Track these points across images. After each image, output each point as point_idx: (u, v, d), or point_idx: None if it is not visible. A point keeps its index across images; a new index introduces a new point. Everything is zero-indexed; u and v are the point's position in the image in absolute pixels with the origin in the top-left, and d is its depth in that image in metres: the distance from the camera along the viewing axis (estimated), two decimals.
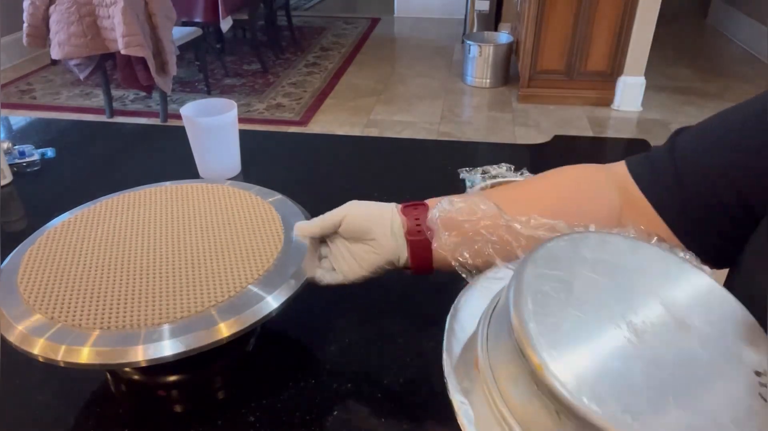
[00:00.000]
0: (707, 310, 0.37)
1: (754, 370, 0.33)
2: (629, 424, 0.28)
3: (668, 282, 0.38)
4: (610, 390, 0.30)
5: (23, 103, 3.32)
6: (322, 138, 1.72)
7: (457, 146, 1.28)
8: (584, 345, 0.32)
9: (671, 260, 0.40)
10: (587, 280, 0.36)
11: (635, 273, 0.38)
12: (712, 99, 3.29)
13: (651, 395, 0.30)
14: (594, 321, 0.34)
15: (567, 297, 0.35)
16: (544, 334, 0.32)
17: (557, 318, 0.33)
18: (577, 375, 0.30)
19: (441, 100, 3.33)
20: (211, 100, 0.89)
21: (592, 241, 0.40)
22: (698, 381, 0.32)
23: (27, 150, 0.95)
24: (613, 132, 3.00)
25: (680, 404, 0.30)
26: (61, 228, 0.61)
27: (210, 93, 3.39)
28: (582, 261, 0.38)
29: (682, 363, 0.33)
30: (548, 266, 0.37)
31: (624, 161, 0.54)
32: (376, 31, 4.65)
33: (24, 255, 0.56)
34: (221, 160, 0.89)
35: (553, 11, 3.02)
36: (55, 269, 0.54)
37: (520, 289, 0.34)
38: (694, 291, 0.38)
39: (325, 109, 3.24)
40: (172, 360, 0.45)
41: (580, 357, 0.31)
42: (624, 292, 0.36)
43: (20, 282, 0.53)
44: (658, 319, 0.35)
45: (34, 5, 2.49)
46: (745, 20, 4.13)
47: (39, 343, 0.46)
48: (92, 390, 0.55)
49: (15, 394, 0.54)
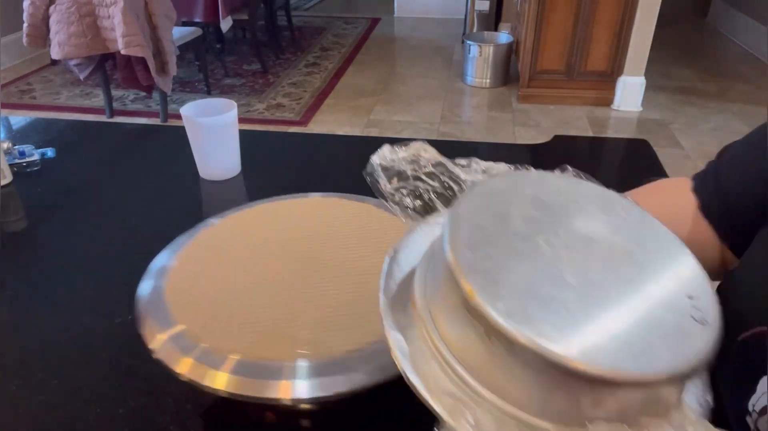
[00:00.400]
0: (641, 238, 0.38)
1: (686, 294, 0.34)
2: (556, 341, 0.29)
3: (604, 213, 0.39)
4: (539, 310, 0.30)
5: (23, 103, 3.32)
6: (322, 138, 1.72)
7: (457, 146, 1.28)
8: (515, 270, 0.33)
9: (607, 194, 0.41)
10: (523, 213, 0.37)
11: (571, 205, 0.39)
12: (712, 99, 3.29)
13: (580, 315, 0.31)
14: (527, 249, 0.34)
15: (502, 228, 0.35)
16: (476, 262, 0.32)
17: (490, 247, 0.34)
18: (506, 298, 0.31)
19: (441, 100, 3.33)
20: (211, 100, 0.89)
21: (531, 178, 0.41)
22: (629, 303, 0.33)
23: (27, 150, 0.95)
24: (613, 132, 3.00)
25: (609, 323, 0.31)
26: (212, 233, 0.59)
27: (210, 93, 3.39)
28: (520, 196, 0.38)
29: (615, 285, 0.33)
30: (485, 200, 0.37)
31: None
32: (376, 31, 4.65)
33: (175, 259, 0.55)
34: (221, 160, 0.89)
35: (553, 11, 3.02)
36: (203, 282, 0.52)
37: (456, 221, 0.35)
38: (629, 221, 0.39)
39: (325, 109, 3.24)
40: (332, 399, 0.42)
41: (511, 282, 0.32)
42: (558, 222, 0.37)
43: (167, 289, 0.51)
44: (591, 245, 0.36)
45: (34, 5, 2.49)
46: (745, 20, 4.13)
47: (185, 362, 0.44)
48: (93, 390, 0.55)
49: (15, 394, 0.54)
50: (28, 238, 0.80)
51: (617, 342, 0.30)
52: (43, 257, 0.75)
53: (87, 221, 0.82)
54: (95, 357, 0.58)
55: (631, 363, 0.29)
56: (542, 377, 0.30)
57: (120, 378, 0.55)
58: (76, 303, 0.66)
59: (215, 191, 0.89)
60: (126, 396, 0.54)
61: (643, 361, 0.30)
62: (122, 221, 0.81)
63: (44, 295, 0.67)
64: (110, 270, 0.71)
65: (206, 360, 0.44)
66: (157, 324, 0.48)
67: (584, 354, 0.29)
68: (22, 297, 0.66)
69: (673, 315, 0.32)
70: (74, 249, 0.75)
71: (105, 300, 0.66)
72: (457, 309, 0.32)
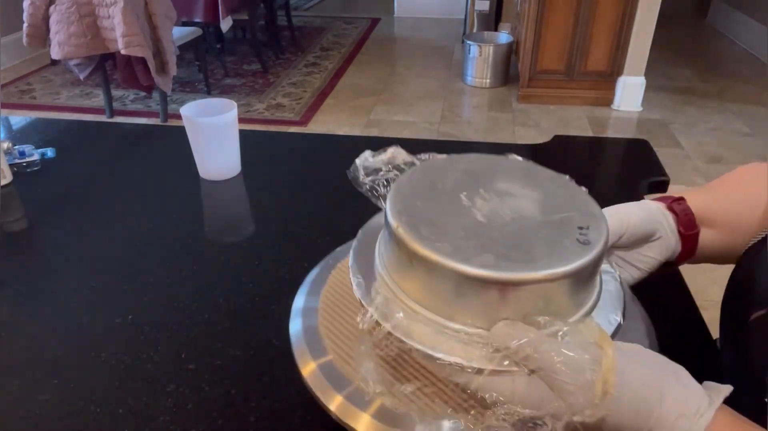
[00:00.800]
0: (554, 194, 0.45)
1: (578, 226, 0.41)
2: (454, 256, 0.37)
3: (525, 178, 0.47)
4: (447, 237, 0.39)
5: (23, 103, 3.32)
6: (322, 138, 1.72)
7: (457, 146, 1.28)
8: (435, 214, 0.42)
9: (531, 166, 0.49)
10: (452, 179, 0.46)
11: (497, 173, 0.47)
12: (712, 99, 3.29)
13: (482, 239, 0.39)
14: (449, 202, 0.43)
15: (431, 189, 0.45)
16: (404, 209, 0.42)
17: (419, 200, 0.43)
18: (423, 231, 0.40)
19: (441, 100, 3.33)
20: (211, 100, 0.89)
21: (467, 158, 0.49)
22: (527, 233, 0.41)
23: (27, 150, 0.95)
24: (613, 132, 3.00)
25: (505, 246, 0.39)
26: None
27: (210, 93, 3.39)
28: (453, 169, 0.48)
29: (518, 222, 0.42)
30: (424, 173, 0.47)
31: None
32: (376, 31, 4.65)
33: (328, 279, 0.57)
34: (221, 159, 0.89)
35: (553, 11, 3.02)
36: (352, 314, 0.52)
37: (397, 186, 0.45)
38: (547, 182, 0.47)
39: (325, 109, 3.24)
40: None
41: (430, 221, 0.41)
42: (480, 184, 0.45)
43: (321, 312, 0.52)
44: (505, 197, 0.44)
45: (34, 5, 2.49)
46: (745, 20, 4.13)
47: (336, 399, 0.45)
48: (92, 389, 0.55)
49: (15, 394, 0.54)
50: (28, 238, 0.80)
51: (507, 256, 0.38)
52: (43, 257, 0.75)
53: (87, 221, 0.82)
54: (95, 357, 0.58)
55: (516, 269, 0.37)
56: (448, 286, 0.38)
57: (120, 378, 0.55)
58: (76, 303, 0.66)
59: (215, 191, 0.89)
60: (126, 396, 0.54)
61: (526, 267, 0.37)
62: (122, 221, 0.81)
63: (44, 295, 0.67)
64: (110, 270, 0.71)
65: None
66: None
67: (480, 265, 0.37)
68: (22, 297, 0.66)
69: (561, 238, 0.40)
70: (74, 249, 0.75)
71: (105, 300, 0.66)
72: (393, 245, 0.42)
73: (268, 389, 0.54)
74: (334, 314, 0.53)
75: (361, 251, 0.48)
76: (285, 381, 0.55)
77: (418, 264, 0.39)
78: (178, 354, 0.58)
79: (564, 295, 0.39)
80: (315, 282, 0.58)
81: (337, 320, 0.53)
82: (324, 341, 0.50)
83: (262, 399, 0.53)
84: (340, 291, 0.56)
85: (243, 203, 0.90)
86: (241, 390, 0.54)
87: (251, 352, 0.58)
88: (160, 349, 0.58)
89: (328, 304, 0.55)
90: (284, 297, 0.65)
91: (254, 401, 0.53)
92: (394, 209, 0.42)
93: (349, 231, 0.75)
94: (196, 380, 0.55)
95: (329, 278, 0.58)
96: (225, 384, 0.55)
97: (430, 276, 0.39)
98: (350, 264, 0.47)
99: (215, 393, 0.54)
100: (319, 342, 0.50)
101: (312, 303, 0.55)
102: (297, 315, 0.54)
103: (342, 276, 0.58)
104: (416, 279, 0.40)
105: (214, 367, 0.56)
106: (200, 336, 0.60)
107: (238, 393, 0.54)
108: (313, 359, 0.49)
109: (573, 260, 0.38)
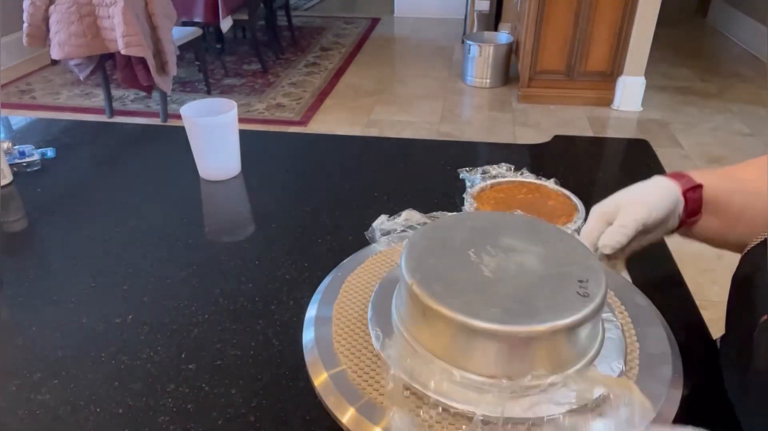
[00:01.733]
0: (556, 247, 0.48)
1: (578, 279, 0.44)
2: (465, 311, 0.41)
3: (529, 234, 0.50)
4: (457, 292, 0.43)
5: (23, 103, 3.32)
6: (322, 138, 1.72)
7: (457, 146, 1.28)
8: (446, 270, 0.46)
9: (534, 221, 0.53)
10: (460, 237, 0.50)
11: (502, 230, 0.51)
12: (712, 99, 3.29)
13: (489, 294, 0.43)
14: (458, 258, 0.47)
15: (441, 247, 0.49)
16: (418, 266, 0.46)
17: (431, 258, 0.47)
18: (435, 287, 0.44)
19: (441, 100, 3.33)
20: (211, 100, 0.89)
21: (474, 216, 0.55)
22: (531, 287, 0.44)
23: (27, 150, 0.95)
24: (613, 132, 3.00)
25: (510, 300, 0.42)
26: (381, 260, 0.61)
27: (210, 93, 3.39)
28: (461, 227, 0.52)
29: (522, 276, 0.45)
30: (434, 231, 0.51)
31: None
32: (376, 31, 4.65)
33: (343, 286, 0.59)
34: (221, 159, 0.89)
35: (553, 11, 3.02)
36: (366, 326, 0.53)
37: (409, 244, 0.49)
38: (549, 237, 0.50)
39: (325, 109, 3.24)
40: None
41: (441, 277, 0.45)
42: (487, 241, 0.49)
43: (335, 321, 0.54)
44: (510, 253, 0.47)
45: (34, 5, 2.49)
46: (745, 20, 4.13)
47: (350, 412, 0.46)
48: (92, 389, 0.55)
49: (15, 394, 0.54)
50: (28, 238, 0.80)
51: (512, 310, 0.41)
52: (43, 257, 0.75)
53: (87, 221, 0.82)
54: (95, 357, 0.58)
55: (521, 322, 0.40)
56: (459, 337, 0.42)
57: (120, 378, 0.55)
58: (76, 303, 0.66)
59: (215, 191, 0.89)
60: (126, 396, 0.54)
61: (530, 320, 0.40)
62: (122, 221, 0.81)
63: (44, 295, 0.67)
64: (110, 270, 0.71)
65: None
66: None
67: (485, 318, 0.41)
68: (22, 297, 0.66)
69: (562, 291, 0.43)
70: (74, 249, 0.75)
71: (105, 300, 0.66)
72: (407, 299, 0.46)
73: (268, 389, 0.54)
74: (349, 324, 0.54)
75: (378, 302, 0.53)
76: (285, 381, 0.55)
77: (430, 318, 0.43)
78: (178, 354, 0.58)
79: (567, 345, 0.42)
80: (327, 292, 0.59)
81: (351, 330, 0.54)
82: (337, 352, 0.51)
83: (262, 399, 0.53)
84: (352, 302, 0.57)
85: (243, 203, 0.90)
86: (241, 390, 0.54)
87: (251, 352, 0.58)
88: (160, 349, 0.58)
89: (341, 314, 0.56)
90: (284, 297, 0.65)
91: (254, 401, 0.53)
92: (409, 266, 0.46)
93: (349, 232, 0.75)
94: (196, 380, 0.55)
95: (341, 288, 0.59)
96: (225, 384, 0.55)
97: (445, 330, 0.43)
98: (369, 316, 0.52)
99: (215, 393, 0.54)
100: (331, 354, 0.51)
101: (325, 313, 0.56)
102: (310, 324, 0.55)
103: (354, 287, 0.59)
104: (430, 333, 0.45)
105: (214, 367, 0.56)
106: (200, 336, 0.60)
107: (238, 393, 0.54)
108: (325, 369, 0.50)
109: (573, 312, 0.41)
